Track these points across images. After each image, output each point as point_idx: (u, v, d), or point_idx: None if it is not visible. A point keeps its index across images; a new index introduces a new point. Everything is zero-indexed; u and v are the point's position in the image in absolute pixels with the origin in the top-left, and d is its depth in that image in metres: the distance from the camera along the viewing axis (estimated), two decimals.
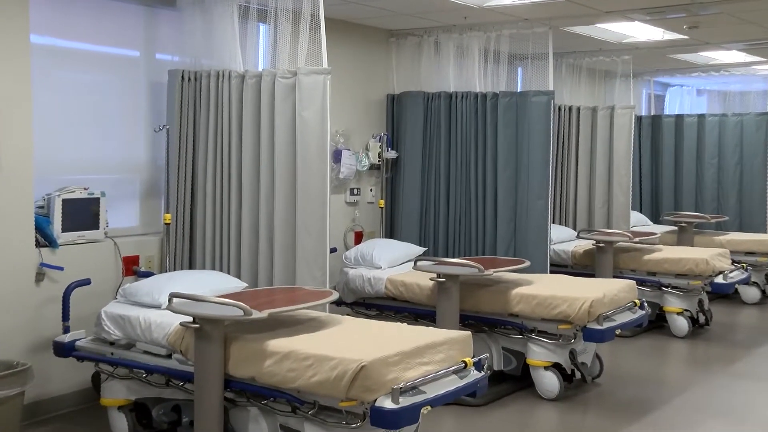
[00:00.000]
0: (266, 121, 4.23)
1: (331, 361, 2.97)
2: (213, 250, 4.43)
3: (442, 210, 5.84)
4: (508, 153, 5.57)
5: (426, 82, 5.98)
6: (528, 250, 5.42)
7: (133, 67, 4.56)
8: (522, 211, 5.50)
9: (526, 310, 4.41)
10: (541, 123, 5.41)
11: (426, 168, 5.91)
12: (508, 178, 5.57)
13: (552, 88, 5.50)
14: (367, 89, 5.94)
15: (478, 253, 5.67)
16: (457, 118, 5.78)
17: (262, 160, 4.25)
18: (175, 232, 4.44)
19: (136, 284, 3.91)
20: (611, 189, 7.03)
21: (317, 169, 4.06)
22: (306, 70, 4.07)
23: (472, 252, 5.71)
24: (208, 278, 4.00)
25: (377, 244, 5.33)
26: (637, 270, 6.12)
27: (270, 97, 4.21)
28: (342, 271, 5.20)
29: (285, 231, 4.17)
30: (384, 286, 4.89)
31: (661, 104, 9.26)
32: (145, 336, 3.59)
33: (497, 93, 5.65)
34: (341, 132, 5.59)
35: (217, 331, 3.23)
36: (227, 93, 4.34)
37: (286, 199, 4.16)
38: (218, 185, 4.41)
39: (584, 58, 7.04)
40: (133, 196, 4.59)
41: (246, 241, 4.31)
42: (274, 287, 4.09)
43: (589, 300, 4.26)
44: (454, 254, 5.75)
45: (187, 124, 4.46)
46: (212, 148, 4.42)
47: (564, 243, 6.47)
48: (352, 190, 5.78)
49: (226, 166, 4.38)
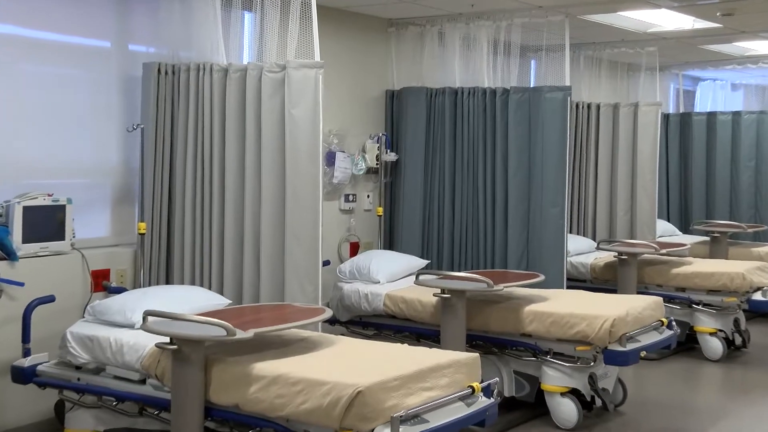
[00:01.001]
0: (252, 120, 4.25)
1: (324, 386, 2.99)
2: (193, 263, 4.44)
3: (447, 218, 5.87)
4: (519, 155, 5.59)
5: (429, 77, 6.01)
6: (542, 262, 5.44)
7: (104, 59, 4.58)
8: (535, 219, 5.52)
9: (541, 330, 4.43)
10: (557, 122, 5.44)
11: (429, 172, 5.94)
12: (519, 183, 5.60)
13: (569, 83, 5.53)
14: (364, 85, 5.96)
15: (487, 266, 5.69)
16: (464, 116, 5.81)
17: (247, 164, 4.27)
18: (151, 243, 4.46)
19: (107, 301, 3.93)
20: (635, 195, 7.07)
21: (308, 173, 4.08)
22: (296, 64, 4.10)
23: (480, 265, 5.73)
24: (188, 294, 4.02)
25: (375, 256, 5.35)
26: (665, 285, 6.14)
27: (256, 94, 4.23)
28: (336, 286, 5.22)
29: (273, 242, 4.19)
30: (382, 303, 4.91)
31: (691, 100, 9.29)
32: (116, 359, 3.61)
33: (508, 89, 5.69)
34: (335, 132, 5.61)
35: (196, 354, 3.24)
36: (209, 88, 4.36)
37: (273, 206, 4.18)
38: (199, 191, 4.43)
39: (605, 49, 7.07)
40: (103, 203, 4.61)
41: (229, 253, 4.32)
42: (261, 304, 4.11)
43: (610, 318, 4.28)
44: (460, 267, 5.77)
45: (163, 123, 4.48)
46: (192, 149, 4.44)
47: (582, 255, 6.49)
48: (347, 196, 5.81)
49: (207, 169, 4.40)
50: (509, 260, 5.60)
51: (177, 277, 4.48)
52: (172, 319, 3.31)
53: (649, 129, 7.09)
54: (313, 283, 4.08)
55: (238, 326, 3.22)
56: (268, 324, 3.46)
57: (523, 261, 5.58)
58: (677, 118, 8.82)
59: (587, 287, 5.92)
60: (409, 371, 3.11)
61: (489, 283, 4.40)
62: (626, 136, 7.12)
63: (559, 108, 5.44)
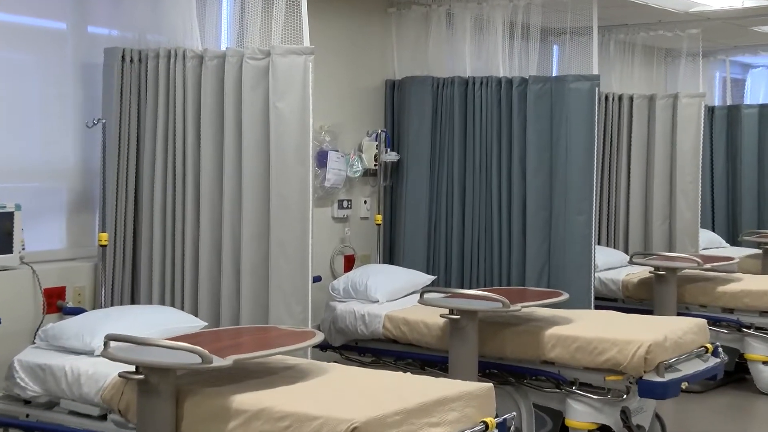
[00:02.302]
0: (231, 115, 4.27)
1: (314, 421, 2.99)
2: (162, 279, 4.45)
3: (456, 228, 5.87)
4: (540, 155, 5.61)
5: (435, 65, 6.02)
6: (566, 278, 5.45)
7: (58, 43, 4.60)
8: (558, 228, 5.54)
9: (565, 357, 4.44)
10: (583, 116, 5.46)
11: (435, 174, 5.95)
12: (540, 187, 5.61)
13: (597, 72, 5.56)
14: (361, 74, 5.98)
15: (503, 282, 5.70)
16: (475, 110, 5.83)
17: (225, 165, 4.28)
18: (114, 256, 4.47)
19: (62, 324, 3.94)
20: (674, 200, 7.08)
21: (296, 176, 4.09)
22: (282, 50, 4.12)
23: (494, 282, 5.74)
24: (156, 316, 4.03)
25: (373, 271, 5.37)
26: (709, 306, 6.15)
27: (236, 84, 4.24)
28: (328, 306, 5.24)
29: (255, 255, 4.20)
30: (381, 325, 4.93)
31: (741, 91, 9.29)
32: (73, 391, 3.61)
33: (526, 78, 5.70)
34: (327, 128, 5.63)
35: (166, 384, 3.25)
36: (181, 78, 4.38)
37: (256, 214, 4.19)
38: (170, 196, 4.43)
39: (639, 32, 7.09)
40: (58, 211, 4.62)
41: (205, 268, 4.33)
42: (242, 326, 4.12)
43: (645, 344, 4.29)
44: (471, 284, 5.78)
45: (128, 118, 4.49)
46: (162, 148, 4.45)
47: (613, 270, 6.50)
48: (341, 202, 5.82)
49: (180, 172, 4.41)
50: (528, 276, 5.61)
51: (144, 296, 4.48)
52: (138, 345, 3.32)
53: (691, 124, 7.10)
54: (302, 302, 4.09)
55: (215, 352, 3.23)
56: (250, 350, 3.47)
57: (543, 277, 5.59)
58: (724, 111, 8.80)
59: (619, 307, 5.93)
60: (412, 404, 3.12)
61: (505, 303, 4.41)
62: (664, 132, 7.14)
63: (585, 100, 5.46)
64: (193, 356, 3.18)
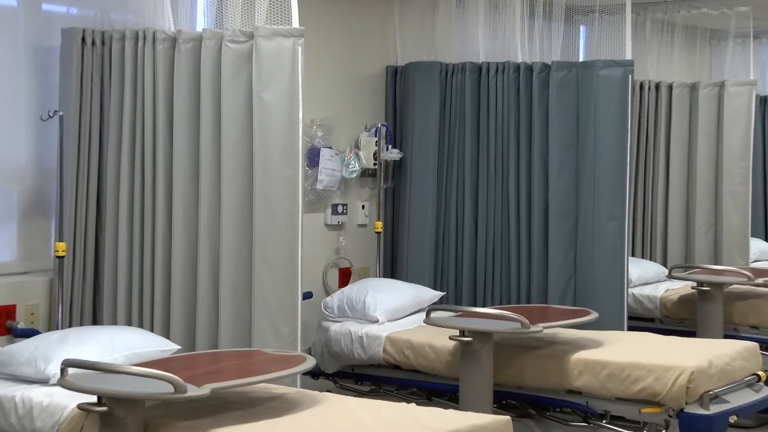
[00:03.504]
0: (208, 107, 4.26)
1: None
2: (129, 295, 4.44)
3: (468, 236, 5.87)
4: (564, 152, 5.61)
5: (444, 49, 6.02)
6: (595, 295, 5.44)
7: (8, 23, 4.58)
8: (586, 237, 5.54)
9: (594, 385, 4.43)
10: (614, 108, 5.46)
11: (444, 175, 5.95)
12: (564, 190, 5.61)
13: (630, 57, 5.55)
14: (358, 59, 5.98)
15: (521, 299, 5.70)
16: (490, 101, 5.83)
17: (202, 164, 4.28)
18: (73, 269, 4.46)
19: (12, 348, 3.93)
20: (720, 205, 7.08)
21: (284, 177, 4.10)
22: (267, 32, 4.12)
23: (511, 298, 5.73)
24: (122, 338, 4.01)
25: (372, 286, 5.37)
26: (762, 327, 6.13)
27: (214, 72, 4.24)
28: (320, 327, 5.24)
29: (236, 268, 4.19)
30: (382, 349, 4.93)
31: None
32: (24, 426, 3.59)
33: (548, 64, 5.71)
34: (319, 122, 5.63)
35: (133, 417, 3.23)
36: (151, 64, 4.38)
37: (237, 221, 4.19)
38: (138, 200, 4.43)
39: (679, 10, 7.07)
40: (7, 217, 4.61)
41: (179, 283, 4.33)
42: (221, 351, 4.11)
43: (687, 370, 4.28)
44: (485, 302, 5.77)
45: (90, 110, 4.49)
46: (129, 145, 4.44)
47: (649, 285, 6.50)
48: (335, 207, 5.83)
49: (149, 172, 4.40)
50: (551, 292, 5.61)
51: (108, 315, 4.47)
52: (100, 372, 3.31)
53: (740, 116, 7.10)
54: (290, 322, 4.09)
55: (190, 380, 3.22)
56: (230, 377, 3.47)
57: (569, 293, 5.59)
58: None
59: (656, 329, 5.90)
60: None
61: (524, 323, 4.41)
62: (708, 126, 7.13)
63: (617, 89, 5.45)
64: (165, 385, 3.17)
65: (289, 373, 3.60)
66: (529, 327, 4.40)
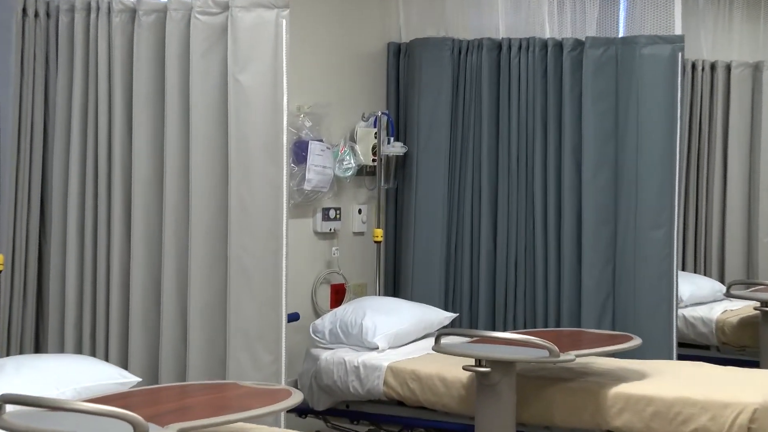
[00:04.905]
0: (175, 91, 4.26)
1: None
2: (79, 318, 4.44)
3: (485, 247, 5.88)
4: (601, 146, 5.60)
5: (456, 22, 6.05)
6: (638, 317, 5.44)
7: None
8: (626, 248, 5.53)
9: (636, 425, 4.42)
10: (662, 93, 5.46)
11: (456, 173, 5.96)
12: (601, 191, 5.61)
13: (680, 31, 5.54)
14: (354, 35, 5.99)
15: (549, 322, 5.70)
16: (512, 84, 5.83)
17: (167, 161, 4.28)
18: (11, 287, 4.44)
19: None
20: None
21: (265, 176, 4.10)
22: (246, 1, 4.12)
23: (537, 321, 5.73)
24: (71, 368, 3.99)
25: (371, 307, 5.37)
26: None
27: (181, 49, 4.25)
28: (309, 355, 5.24)
29: (208, 284, 4.20)
30: (382, 381, 4.92)
31: None
32: None
33: (582, 40, 5.71)
34: (308, 110, 5.63)
35: None
36: (105, 40, 4.38)
37: (209, 229, 4.20)
38: (90, 205, 4.43)
39: None
40: None
41: (139, 303, 4.33)
42: (189, 383, 4.10)
43: (749, 408, 4.27)
44: (505, 325, 5.78)
45: (32, 95, 4.48)
46: (79, 138, 4.44)
47: (703, 306, 6.50)
48: (326, 211, 5.83)
49: (104, 171, 4.40)
50: (585, 314, 5.60)
51: (54, 342, 4.47)
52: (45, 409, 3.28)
53: None
54: (273, 350, 4.10)
55: (153, 418, 3.20)
56: (201, 415, 3.42)
57: (606, 314, 5.59)
58: None
59: (711, 357, 5.92)
60: None
61: (553, 350, 4.38)
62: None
63: (664, 71, 5.45)
64: (122, 425, 3.13)
65: (272, 411, 3.57)
66: (559, 355, 4.37)
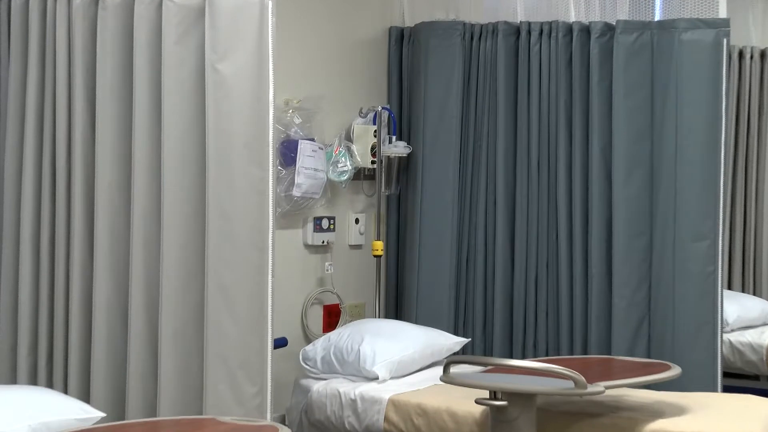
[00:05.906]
0: (144, 83, 4.28)
1: None
2: (34, 344, 4.47)
3: (501, 262, 5.91)
4: (634, 144, 5.62)
5: (467, 4, 6.10)
6: (677, 343, 5.46)
7: None
8: (665, 263, 5.55)
9: None
10: (704, 84, 5.47)
11: (468, 176, 5.99)
12: (635, 197, 5.63)
13: (725, 15, 5.55)
14: (351, 19, 6.04)
15: (575, 349, 5.72)
16: (531, 74, 5.86)
17: (136, 164, 4.29)
18: None
19: None
20: None
21: (248, 180, 4.12)
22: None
23: (561, 347, 5.77)
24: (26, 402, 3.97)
25: (369, 331, 5.39)
26: None
27: (152, 35, 4.26)
28: (298, 386, 5.27)
29: (182, 306, 4.22)
30: (383, 417, 4.93)
31: None
32: None
33: (612, 25, 5.73)
34: (297, 104, 5.65)
35: None
36: (65, 25, 4.40)
37: (184, 241, 4.21)
38: (47, 213, 4.46)
39: None
40: None
41: (102, 327, 4.35)
42: (161, 419, 4.11)
43: None
44: (525, 352, 5.81)
45: None
46: (34, 135, 4.48)
47: (753, 330, 6.52)
48: (318, 221, 5.84)
49: (63, 173, 4.43)
50: (615, 339, 5.62)
51: (4, 371, 4.49)
52: None
53: None
54: (257, 380, 4.11)
55: None
56: None
57: (640, 340, 5.60)
58: None
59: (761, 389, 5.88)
60: None
61: (579, 381, 4.36)
62: None
63: (707, 59, 5.47)
64: None
65: None
66: (586, 387, 4.36)
